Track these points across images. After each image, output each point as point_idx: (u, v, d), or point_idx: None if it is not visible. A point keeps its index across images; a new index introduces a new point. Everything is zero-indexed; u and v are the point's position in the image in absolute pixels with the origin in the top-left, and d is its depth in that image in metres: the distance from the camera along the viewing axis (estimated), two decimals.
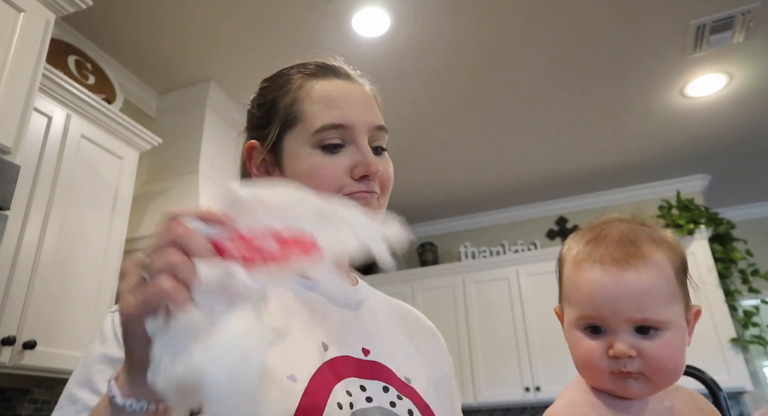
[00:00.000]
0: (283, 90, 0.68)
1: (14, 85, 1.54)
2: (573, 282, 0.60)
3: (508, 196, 4.17)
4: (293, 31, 2.46)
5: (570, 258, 0.62)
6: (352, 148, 0.64)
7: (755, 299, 3.75)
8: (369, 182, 0.63)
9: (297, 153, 0.64)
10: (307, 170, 0.63)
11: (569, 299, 0.61)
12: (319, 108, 0.64)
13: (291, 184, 0.60)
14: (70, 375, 1.81)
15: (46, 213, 1.78)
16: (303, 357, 0.56)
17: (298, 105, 0.65)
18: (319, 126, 0.63)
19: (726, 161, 3.68)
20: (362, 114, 0.65)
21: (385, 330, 0.69)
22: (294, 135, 0.65)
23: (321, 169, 0.62)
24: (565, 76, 2.82)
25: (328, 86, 0.67)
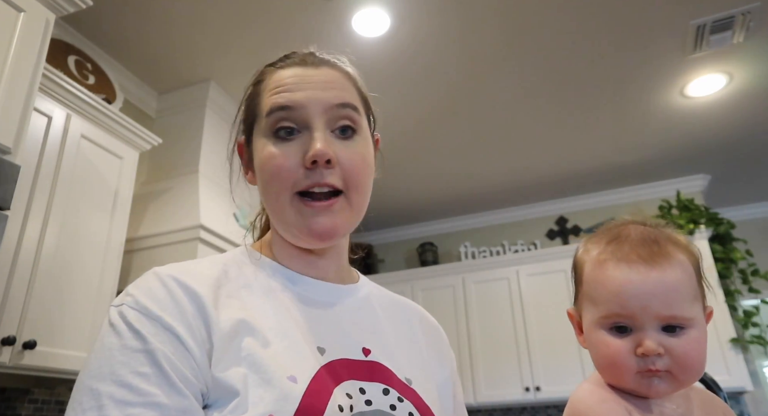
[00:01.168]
0: (252, 85, 0.67)
1: (14, 85, 1.54)
2: (597, 282, 0.59)
3: (508, 196, 4.17)
4: (293, 31, 2.46)
5: (590, 258, 0.62)
6: (306, 134, 0.59)
7: (755, 299, 3.75)
8: (321, 171, 0.58)
9: (257, 145, 0.62)
10: (262, 162, 0.60)
11: (592, 299, 0.60)
12: (271, 94, 0.62)
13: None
14: (69, 375, 1.80)
15: (46, 213, 1.78)
16: (301, 360, 0.55)
17: (258, 97, 0.64)
18: (267, 109, 0.61)
19: (726, 161, 3.68)
20: (316, 94, 0.61)
21: (386, 328, 0.68)
22: (258, 128, 0.63)
23: (271, 160, 0.59)
24: (565, 76, 2.82)
25: (286, 73, 0.64)
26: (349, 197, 0.61)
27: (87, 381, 0.49)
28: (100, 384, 0.48)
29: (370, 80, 0.74)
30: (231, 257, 0.66)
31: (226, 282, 0.59)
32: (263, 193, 0.62)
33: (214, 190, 2.64)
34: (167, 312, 0.53)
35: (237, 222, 2.61)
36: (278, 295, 0.61)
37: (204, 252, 2.25)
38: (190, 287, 0.55)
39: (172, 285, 0.55)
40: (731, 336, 3.22)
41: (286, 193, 0.59)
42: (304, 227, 0.59)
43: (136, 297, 0.54)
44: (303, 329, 0.59)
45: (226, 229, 2.42)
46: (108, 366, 0.49)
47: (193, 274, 0.58)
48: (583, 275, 0.62)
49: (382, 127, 0.74)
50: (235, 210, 2.68)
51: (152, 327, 0.51)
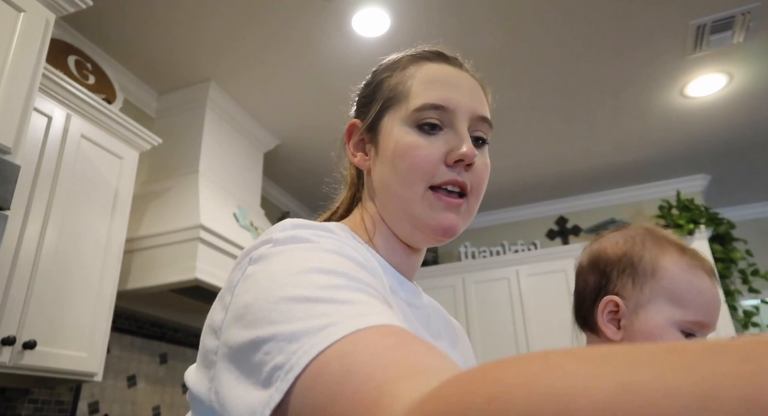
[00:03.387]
0: (390, 69, 0.66)
1: (14, 85, 1.55)
2: (692, 286, 0.62)
3: (508, 196, 4.17)
4: (293, 31, 2.46)
5: (672, 259, 0.63)
6: (450, 133, 0.60)
7: (755, 299, 3.75)
8: (461, 171, 0.58)
9: (393, 130, 0.60)
10: (401, 149, 0.59)
11: (677, 299, 0.61)
12: (423, 87, 0.61)
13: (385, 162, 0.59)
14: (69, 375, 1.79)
15: (46, 213, 1.78)
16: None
17: (403, 84, 0.63)
18: (420, 104, 0.59)
19: (726, 161, 3.68)
20: (466, 99, 0.62)
21: (443, 335, 0.67)
22: (394, 113, 0.62)
23: (415, 149, 0.58)
24: (565, 76, 2.82)
25: (437, 69, 0.64)
26: (469, 202, 0.60)
27: (306, 265, 0.41)
28: (334, 266, 0.41)
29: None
30: (338, 231, 0.57)
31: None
32: (391, 178, 0.59)
33: (214, 190, 2.64)
34: (357, 251, 0.49)
35: (237, 222, 2.61)
36: (394, 296, 0.57)
37: (204, 252, 2.25)
38: (366, 255, 0.52)
39: (359, 250, 0.52)
40: (731, 336, 3.22)
41: (422, 184, 0.58)
42: (433, 220, 0.58)
43: (328, 232, 0.49)
44: (412, 329, 0.55)
45: (226, 229, 2.42)
46: (328, 259, 0.43)
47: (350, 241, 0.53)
48: (661, 272, 0.63)
49: None
50: (235, 210, 2.68)
51: (354, 252, 0.47)
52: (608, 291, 0.65)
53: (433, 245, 0.62)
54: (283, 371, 0.34)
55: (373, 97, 0.65)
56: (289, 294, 0.38)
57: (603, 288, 0.66)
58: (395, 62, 0.67)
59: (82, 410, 2.17)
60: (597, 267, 0.67)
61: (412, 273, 0.65)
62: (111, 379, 2.32)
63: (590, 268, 0.68)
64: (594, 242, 0.72)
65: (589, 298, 0.68)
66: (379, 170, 0.61)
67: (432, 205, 0.58)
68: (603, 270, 0.66)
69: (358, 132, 0.66)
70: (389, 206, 0.61)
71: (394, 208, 0.60)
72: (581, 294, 0.69)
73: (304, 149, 3.37)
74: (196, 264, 2.18)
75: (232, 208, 2.69)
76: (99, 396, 2.26)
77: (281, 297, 0.38)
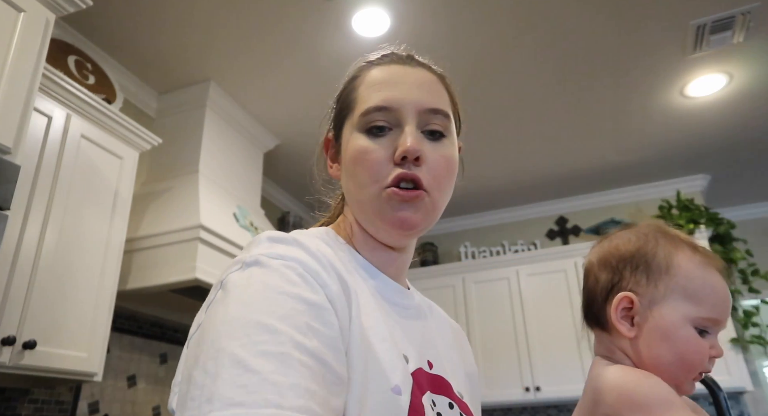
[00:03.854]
0: (350, 80, 0.68)
1: (14, 85, 1.54)
2: (707, 283, 0.62)
3: (508, 196, 4.17)
4: (293, 31, 2.46)
5: (686, 256, 0.64)
6: (398, 132, 0.60)
7: (755, 299, 3.75)
8: (411, 165, 0.58)
9: (349, 139, 0.63)
10: (353, 155, 0.61)
11: (693, 296, 0.62)
12: (367, 92, 0.63)
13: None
14: (69, 375, 1.79)
15: (46, 214, 1.78)
16: (396, 369, 0.53)
17: (354, 92, 0.65)
18: (364, 109, 0.61)
19: (726, 161, 3.68)
20: (412, 95, 0.62)
21: (437, 339, 0.67)
22: (348, 122, 0.64)
23: (364, 153, 0.60)
24: (564, 76, 2.82)
25: (381, 71, 0.65)
26: (432, 196, 0.60)
27: (256, 316, 0.44)
28: (277, 322, 0.43)
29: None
30: (322, 236, 0.63)
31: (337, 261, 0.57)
32: (350, 184, 0.62)
33: (214, 190, 2.64)
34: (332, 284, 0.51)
35: (237, 222, 2.61)
36: (363, 287, 0.58)
37: (204, 252, 2.25)
38: (337, 267, 0.54)
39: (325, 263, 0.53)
40: (731, 336, 3.22)
41: (375, 185, 0.59)
42: (390, 215, 0.59)
43: (301, 260, 0.51)
44: (390, 335, 0.56)
45: (226, 229, 2.42)
46: (281, 307, 0.45)
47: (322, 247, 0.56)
48: (675, 269, 0.63)
49: None
50: (235, 210, 2.68)
51: (320, 289, 0.49)
52: (621, 288, 0.65)
53: (401, 241, 0.63)
54: None
55: (342, 107, 0.67)
56: (228, 349, 0.42)
57: (616, 285, 0.66)
58: (353, 72, 0.69)
59: (82, 410, 2.17)
60: (609, 265, 0.67)
61: (398, 273, 0.66)
62: (111, 379, 2.32)
63: (602, 265, 0.68)
64: (604, 240, 0.72)
65: (600, 296, 0.67)
66: (344, 178, 0.64)
67: (389, 201, 0.59)
68: (615, 267, 0.66)
69: (331, 144, 0.69)
70: (356, 209, 0.63)
71: (359, 210, 0.62)
72: (592, 291, 0.69)
73: (304, 149, 3.37)
74: (196, 264, 2.18)
75: (232, 207, 2.69)
76: (99, 396, 2.26)
77: (222, 348, 0.42)
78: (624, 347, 0.65)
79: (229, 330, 0.43)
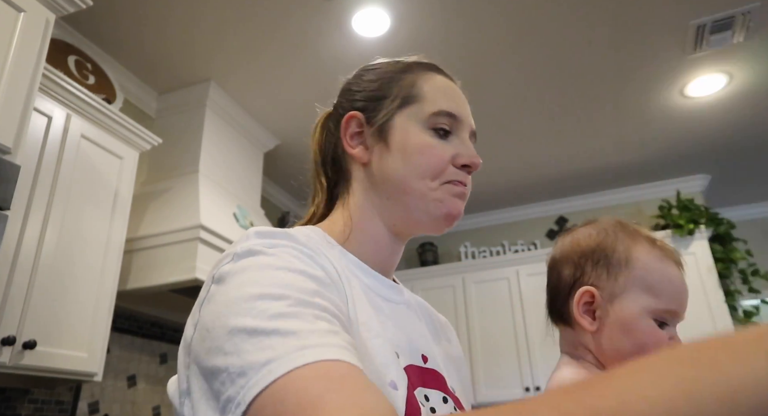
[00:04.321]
0: (403, 71, 0.70)
1: (14, 85, 1.54)
2: (664, 276, 0.64)
3: (508, 196, 4.17)
4: (293, 31, 2.46)
5: (644, 249, 0.65)
6: (457, 140, 0.66)
7: (755, 299, 3.75)
8: (466, 174, 0.66)
9: (409, 129, 0.65)
10: (418, 146, 0.64)
11: (650, 288, 0.63)
12: (437, 95, 0.67)
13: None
14: (69, 375, 1.79)
15: (46, 214, 1.78)
16: (390, 364, 0.54)
17: (419, 87, 0.67)
18: (437, 109, 0.65)
19: (726, 161, 3.68)
20: (468, 114, 0.69)
21: (427, 333, 0.68)
22: (408, 112, 0.66)
23: (431, 149, 0.64)
24: (564, 76, 2.82)
25: (445, 80, 0.70)
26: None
27: (257, 289, 0.44)
28: (285, 290, 0.44)
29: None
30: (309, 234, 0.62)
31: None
32: (406, 172, 0.64)
33: (214, 190, 2.64)
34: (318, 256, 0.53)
35: (237, 222, 2.61)
36: (355, 284, 0.60)
37: (204, 252, 2.25)
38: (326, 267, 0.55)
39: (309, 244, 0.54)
40: None
41: (435, 179, 0.63)
42: (445, 207, 0.64)
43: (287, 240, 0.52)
44: (382, 330, 0.57)
45: (226, 229, 2.42)
46: (283, 279, 0.46)
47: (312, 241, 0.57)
48: (634, 263, 0.64)
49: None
50: (235, 210, 2.68)
51: (311, 260, 0.51)
52: (583, 282, 0.66)
53: (442, 230, 0.66)
54: (233, 404, 0.39)
55: (383, 94, 0.68)
56: (239, 325, 0.42)
57: (578, 280, 0.67)
58: (405, 66, 0.71)
59: (82, 410, 2.17)
60: (571, 260, 0.68)
61: (389, 269, 0.68)
62: (111, 379, 2.32)
63: (564, 261, 0.69)
64: (566, 235, 0.73)
65: (563, 291, 0.68)
66: (388, 163, 0.65)
67: (448, 193, 0.64)
68: (577, 262, 0.67)
69: (356, 125, 0.68)
70: (396, 197, 0.65)
71: (405, 198, 0.64)
72: (555, 287, 0.70)
73: (304, 149, 3.34)
74: (196, 264, 2.18)
75: (232, 207, 2.69)
76: (99, 396, 2.26)
77: (233, 328, 0.42)
78: (586, 342, 0.66)
79: (234, 310, 0.43)
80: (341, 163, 0.70)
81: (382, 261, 0.66)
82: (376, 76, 0.70)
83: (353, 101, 0.70)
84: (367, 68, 0.73)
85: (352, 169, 0.68)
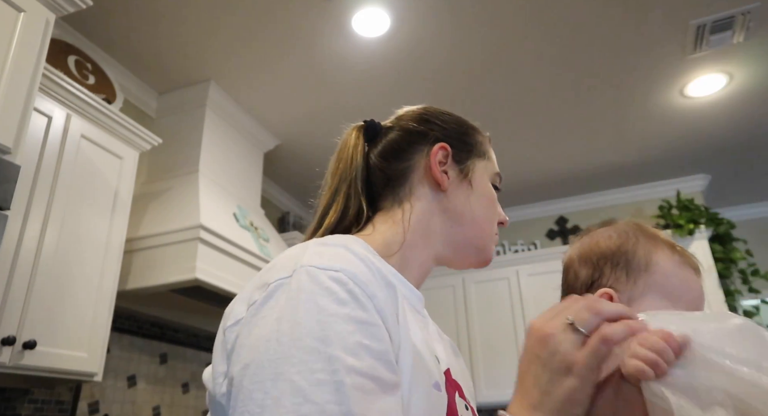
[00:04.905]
0: (473, 129, 0.80)
1: (14, 85, 1.54)
2: (683, 281, 0.64)
3: (508, 196, 4.17)
4: (293, 31, 2.46)
5: (665, 254, 0.66)
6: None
7: (755, 299, 3.75)
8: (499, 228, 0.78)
9: (483, 180, 0.75)
10: (489, 198, 0.75)
11: (669, 293, 0.63)
12: (494, 160, 0.80)
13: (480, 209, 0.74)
14: (69, 375, 1.79)
15: (46, 213, 1.78)
16: (434, 367, 0.57)
17: (486, 147, 0.79)
18: (498, 171, 0.79)
19: (726, 161, 3.68)
20: None
21: (444, 342, 0.71)
22: (482, 165, 0.76)
23: (496, 202, 0.76)
24: (564, 76, 2.82)
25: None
26: None
27: (310, 341, 0.47)
28: (329, 348, 0.47)
29: (370, 80, 0.76)
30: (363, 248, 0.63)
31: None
32: (479, 213, 0.73)
33: (214, 190, 2.64)
34: (379, 291, 0.54)
35: (237, 222, 2.61)
36: (402, 291, 0.62)
37: (204, 252, 2.25)
38: (384, 274, 0.57)
39: (373, 268, 0.56)
40: None
41: (491, 228, 0.75)
42: (490, 251, 0.76)
43: (350, 270, 0.53)
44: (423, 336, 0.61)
45: (226, 229, 2.42)
46: (332, 330, 0.48)
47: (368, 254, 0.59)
48: (654, 267, 0.65)
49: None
50: (235, 210, 2.68)
51: (368, 302, 0.52)
52: (601, 284, 0.66)
53: (466, 267, 0.77)
54: None
55: (467, 140, 0.77)
56: (287, 375, 0.46)
57: (596, 281, 0.67)
58: (472, 125, 0.82)
59: (82, 410, 2.17)
60: (590, 261, 0.68)
61: (422, 282, 0.73)
62: (111, 379, 2.32)
63: (582, 261, 0.69)
64: (584, 236, 0.73)
65: (580, 291, 0.68)
66: (471, 200, 0.73)
67: (492, 241, 0.75)
68: (596, 264, 0.67)
69: (443, 154, 0.74)
70: (465, 226, 0.73)
71: (472, 231, 0.73)
72: (572, 286, 0.70)
73: (304, 149, 3.37)
74: (196, 264, 2.18)
75: (232, 207, 2.69)
76: (99, 396, 2.26)
77: (281, 373, 0.46)
78: None
79: (286, 353, 0.47)
80: (403, 180, 0.72)
81: (417, 278, 0.70)
82: (454, 121, 0.78)
83: (439, 132, 0.76)
84: (439, 110, 0.80)
85: (421, 189, 0.72)
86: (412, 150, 0.73)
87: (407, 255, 0.68)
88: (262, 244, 2.68)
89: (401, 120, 0.77)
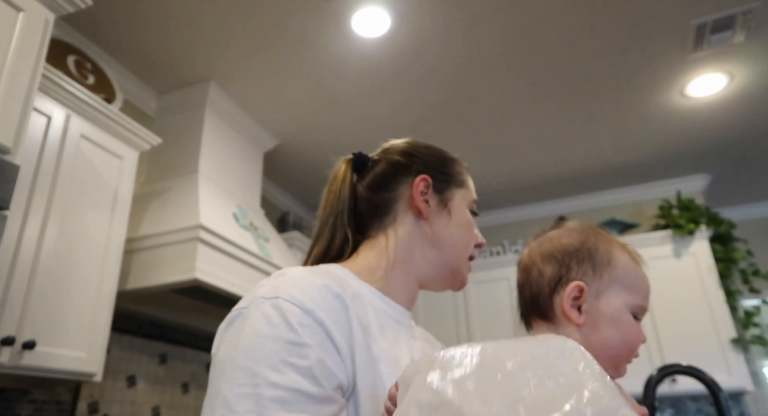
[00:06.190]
0: (452, 160, 0.86)
1: (14, 85, 1.54)
2: (638, 276, 0.71)
3: (508, 196, 4.17)
4: (293, 31, 2.46)
5: (623, 251, 0.72)
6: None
7: (756, 299, 3.75)
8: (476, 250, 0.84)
9: (461, 207, 0.82)
10: (467, 223, 0.82)
11: (628, 286, 0.70)
12: (472, 188, 0.86)
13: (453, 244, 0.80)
14: (69, 375, 1.79)
15: (45, 214, 1.78)
16: (394, 371, 0.63)
17: (464, 176, 0.85)
18: (475, 198, 0.85)
19: (726, 161, 3.67)
20: None
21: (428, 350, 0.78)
22: (460, 194, 0.83)
23: (473, 228, 0.83)
24: (565, 76, 2.82)
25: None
26: None
27: (241, 360, 0.55)
28: (256, 366, 0.54)
29: (369, 80, 0.77)
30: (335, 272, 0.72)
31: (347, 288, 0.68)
32: (457, 239, 0.80)
33: (214, 190, 2.64)
34: (319, 307, 0.60)
35: (237, 222, 2.61)
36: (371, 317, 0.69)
37: (204, 252, 2.25)
38: (332, 288, 0.64)
39: (320, 285, 0.63)
40: (732, 336, 3.22)
41: (466, 252, 0.81)
42: (463, 275, 0.82)
43: (289, 296, 0.60)
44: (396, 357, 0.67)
45: (225, 229, 2.41)
46: (260, 350, 0.56)
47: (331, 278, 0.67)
48: (615, 261, 0.71)
49: (382, 127, 0.77)
50: (235, 210, 2.68)
51: (305, 318, 0.58)
52: (569, 278, 0.70)
53: (442, 289, 0.82)
54: None
55: (447, 171, 0.83)
56: (222, 391, 0.55)
57: (564, 277, 0.71)
58: (451, 156, 0.86)
59: (81, 410, 2.17)
60: (554, 258, 0.73)
61: (411, 304, 0.80)
62: (111, 379, 2.32)
63: (546, 259, 0.73)
64: (540, 237, 0.78)
65: (549, 287, 0.72)
66: (450, 228, 0.80)
67: (466, 265, 0.82)
68: (561, 260, 0.72)
69: (424, 185, 0.80)
70: (445, 251, 0.79)
71: (445, 257, 0.79)
72: (538, 284, 0.74)
73: (304, 149, 3.37)
74: (196, 264, 2.18)
75: (232, 207, 2.68)
76: (99, 397, 2.26)
77: (218, 390, 0.55)
78: (569, 334, 0.69)
79: (225, 372, 0.56)
80: (388, 209, 0.80)
81: (404, 297, 0.78)
82: (435, 155, 0.84)
83: (421, 165, 0.82)
84: (422, 144, 0.86)
85: (404, 217, 0.79)
86: (396, 181, 0.80)
87: (390, 277, 0.75)
88: (262, 244, 2.68)
89: (387, 153, 0.84)
